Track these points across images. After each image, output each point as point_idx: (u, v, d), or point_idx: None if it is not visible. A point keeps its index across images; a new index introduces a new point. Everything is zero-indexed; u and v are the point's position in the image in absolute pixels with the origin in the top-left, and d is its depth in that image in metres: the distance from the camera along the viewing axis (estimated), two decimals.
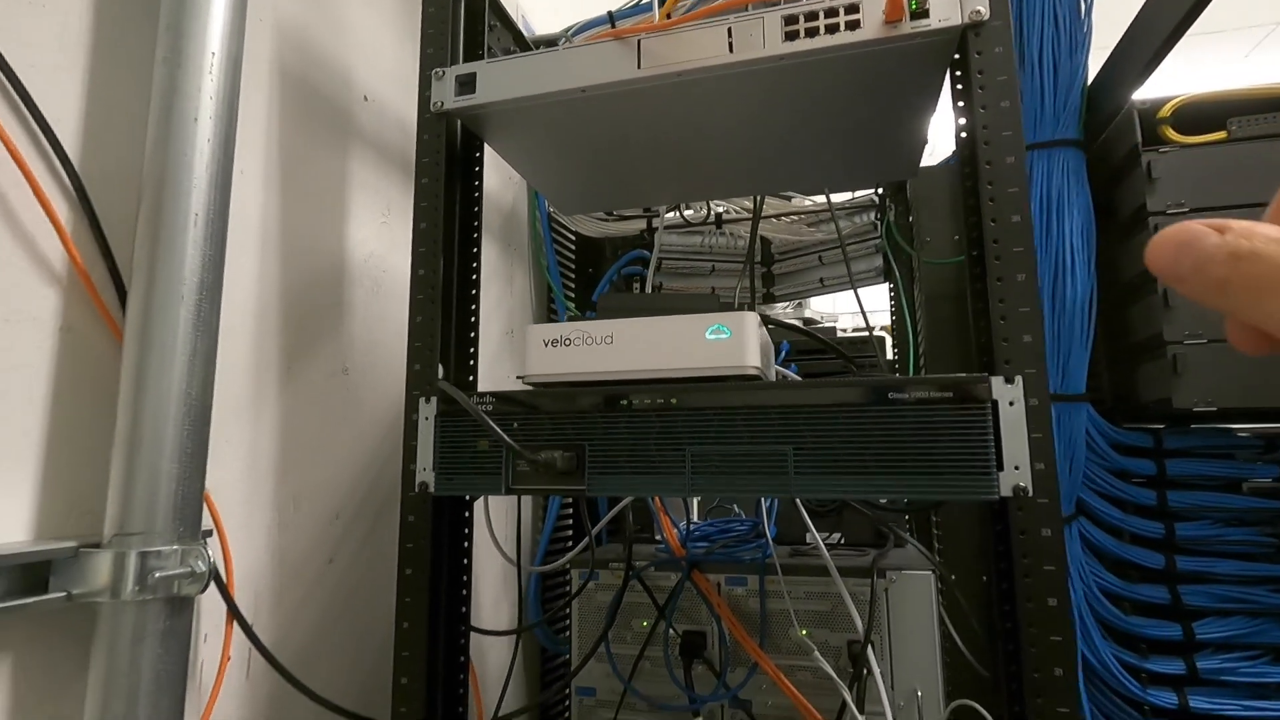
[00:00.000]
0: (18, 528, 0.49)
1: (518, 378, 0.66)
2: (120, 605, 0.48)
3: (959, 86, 0.60)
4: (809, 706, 0.80)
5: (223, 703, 0.64)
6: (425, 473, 0.65)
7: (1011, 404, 0.52)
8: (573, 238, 1.45)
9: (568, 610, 0.97)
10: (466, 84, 0.69)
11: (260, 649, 0.65)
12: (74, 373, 0.53)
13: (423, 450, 0.65)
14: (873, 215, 1.36)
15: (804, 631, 0.85)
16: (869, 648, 0.79)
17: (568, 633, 0.98)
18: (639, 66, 0.64)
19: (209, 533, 0.60)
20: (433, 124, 0.71)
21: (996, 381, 0.52)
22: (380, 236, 0.91)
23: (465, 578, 0.71)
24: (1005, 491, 0.51)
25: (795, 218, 1.41)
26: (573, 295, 1.40)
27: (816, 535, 0.85)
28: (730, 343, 0.59)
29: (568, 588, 1.04)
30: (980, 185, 0.55)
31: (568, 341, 0.63)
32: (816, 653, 0.79)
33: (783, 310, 2.00)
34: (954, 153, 1.29)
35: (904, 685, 0.82)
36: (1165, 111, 1.00)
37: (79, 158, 0.55)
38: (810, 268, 1.47)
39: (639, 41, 0.64)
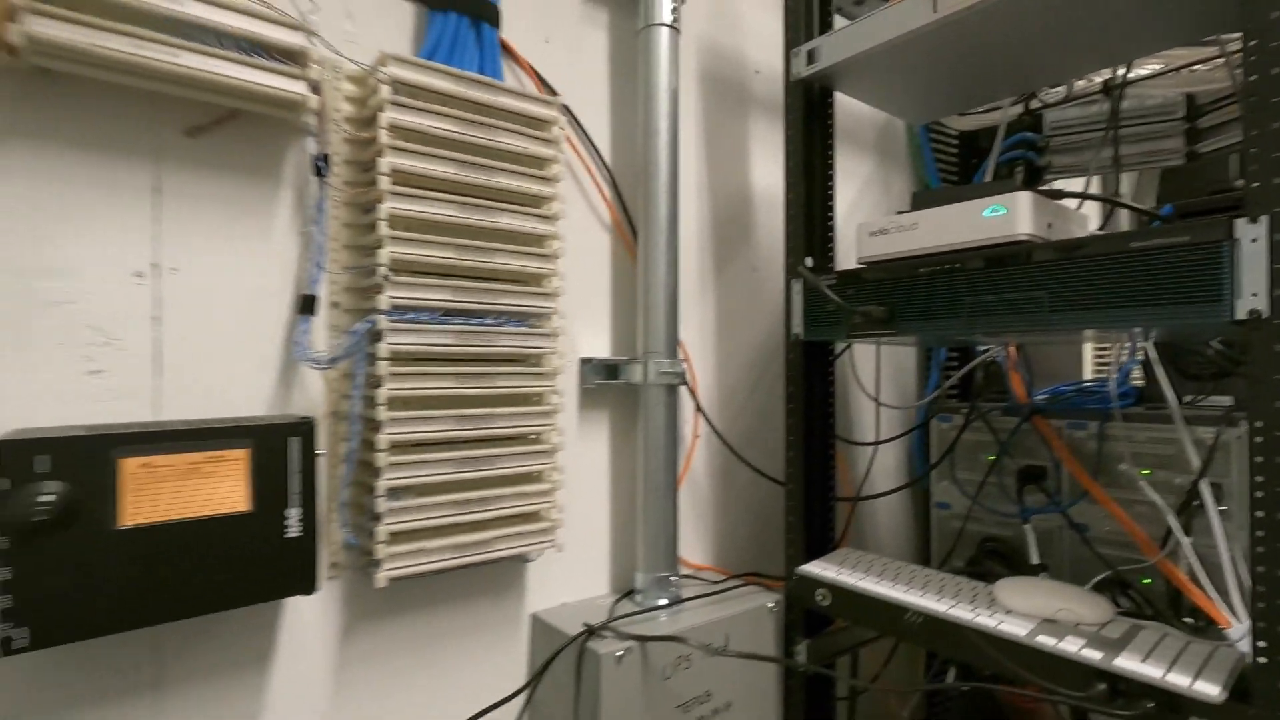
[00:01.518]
0: (605, 349, 1.03)
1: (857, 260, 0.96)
2: (647, 387, 0.99)
3: None
4: (1137, 529, 0.92)
5: (696, 461, 1.14)
6: (797, 327, 1.01)
7: (1254, 240, 0.60)
8: (954, 134, 1.56)
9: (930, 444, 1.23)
10: (812, 56, 0.98)
11: (710, 425, 1.12)
12: (617, 279, 1.05)
13: (794, 314, 1.01)
14: None
15: (1145, 472, 0.95)
16: (1203, 483, 0.86)
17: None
18: (935, 10, 0.84)
19: (682, 361, 1.08)
20: (793, 90, 1.02)
21: (1240, 222, 0.61)
22: (773, 172, 1.28)
23: (831, 401, 1.05)
24: (1240, 315, 0.60)
25: (1219, 61, 1.24)
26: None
27: (1168, 387, 0.92)
28: (1005, 218, 0.78)
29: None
30: (1245, 40, 0.61)
31: (885, 230, 0.90)
32: (1141, 481, 0.90)
33: None
34: None
35: None
36: None
37: (610, 159, 1.05)
38: None
39: None
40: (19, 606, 0.53)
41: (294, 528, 0.66)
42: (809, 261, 1.03)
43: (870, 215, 1.45)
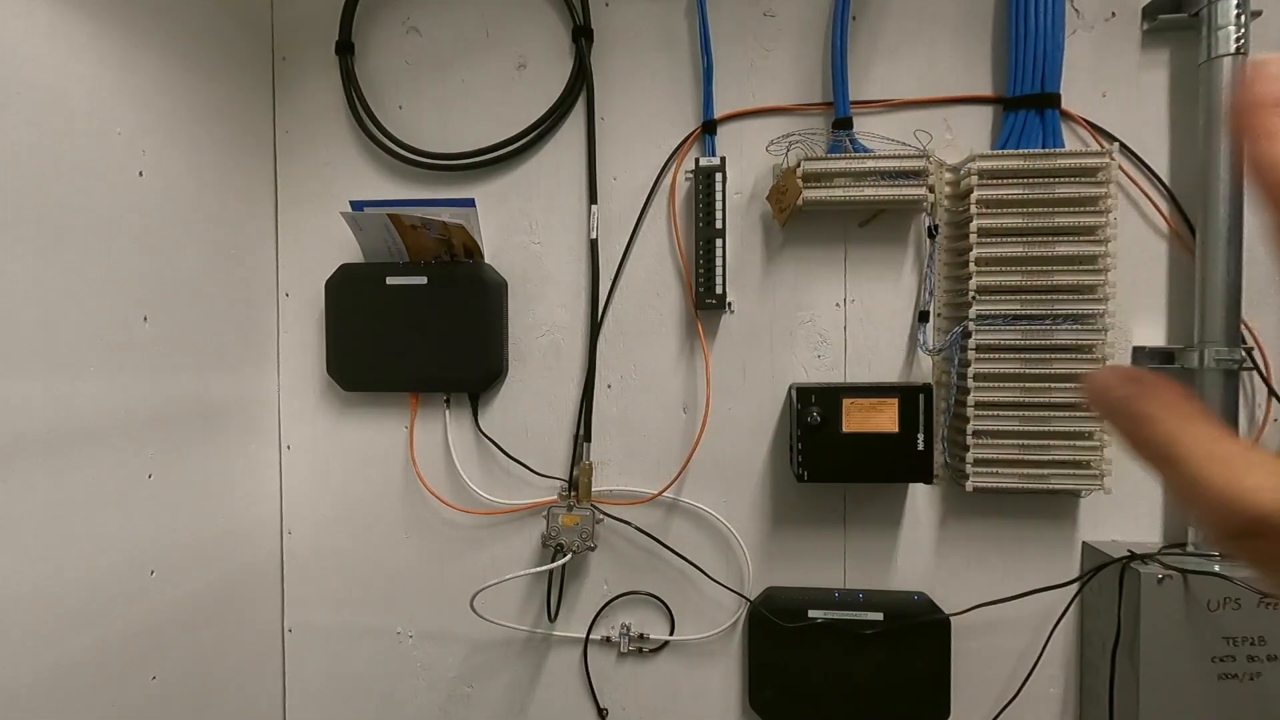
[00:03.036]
0: (1160, 339, 1.22)
1: None
2: (1202, 372, 1.15)
3: None
4: None
5: (1268, 443, 1.21)
6: None
7: None
8: None
9: None
10: None
11: None
12: (1173, 277, 1.22)
13: None
14: None
15: None
16: None
17: None
18: None
19: (1250, 349, 1.17)
20: None
21: None
22: None
23: None
24: None
25: None
26: None
27: None
28: None
29: None
30: None
31: None
32: None
33: None
34: None
35: None
36: None
37: (1168, 175, 1.22)
38: None
39: None
40: (804, 461, 1.18)
41: (919, 444, 1.17)
42: None
43: None
